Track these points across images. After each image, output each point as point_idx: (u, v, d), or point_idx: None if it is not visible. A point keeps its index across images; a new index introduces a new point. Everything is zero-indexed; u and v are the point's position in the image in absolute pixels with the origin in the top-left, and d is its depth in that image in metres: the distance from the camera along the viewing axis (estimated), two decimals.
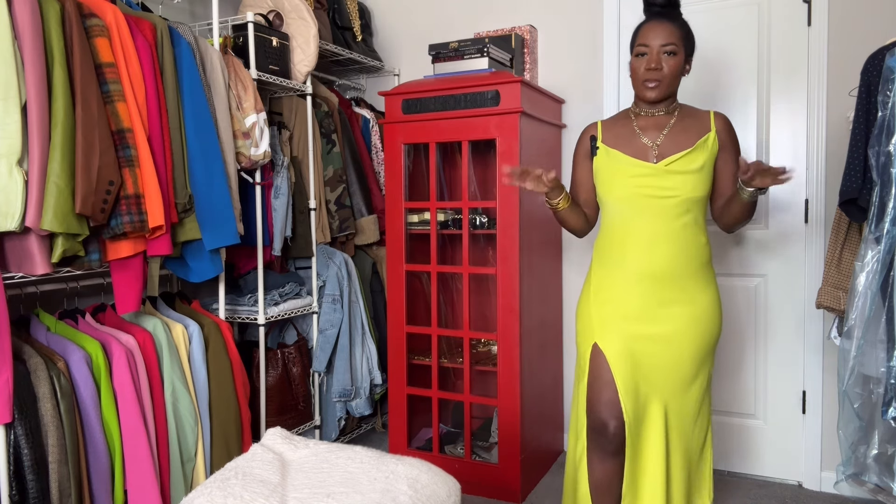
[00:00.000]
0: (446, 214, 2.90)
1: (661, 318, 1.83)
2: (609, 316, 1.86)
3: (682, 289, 1.83)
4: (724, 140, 1.87)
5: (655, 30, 1.81)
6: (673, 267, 1.81)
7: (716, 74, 2.81)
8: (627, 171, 1.84)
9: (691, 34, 1.87)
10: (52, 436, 1.79)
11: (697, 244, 1.84)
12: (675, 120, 1.88)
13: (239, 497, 1.43)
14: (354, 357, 2.99)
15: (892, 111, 1.84)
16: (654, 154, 1.85)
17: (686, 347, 1.83)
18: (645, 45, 1.82)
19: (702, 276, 1.86)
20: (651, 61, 1.80)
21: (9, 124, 1.70)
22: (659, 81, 1.82)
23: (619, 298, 1.86)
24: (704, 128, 1.87)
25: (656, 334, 1.83)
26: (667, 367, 1.83)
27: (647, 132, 1.88)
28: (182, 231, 2.15)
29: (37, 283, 2.23)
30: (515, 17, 3.20)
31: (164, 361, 2.15)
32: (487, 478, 2.66)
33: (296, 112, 2.91)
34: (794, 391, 2.75)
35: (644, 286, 1.83)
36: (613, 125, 1.95)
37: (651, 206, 1.82)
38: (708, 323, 1.86)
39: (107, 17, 1.95)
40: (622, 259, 1.86)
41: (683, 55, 1.84)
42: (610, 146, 1.90)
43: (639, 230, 1.83)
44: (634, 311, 1.84)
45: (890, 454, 1.92)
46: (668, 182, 1.80)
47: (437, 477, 1.60)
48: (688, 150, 1.81)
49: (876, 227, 1.87)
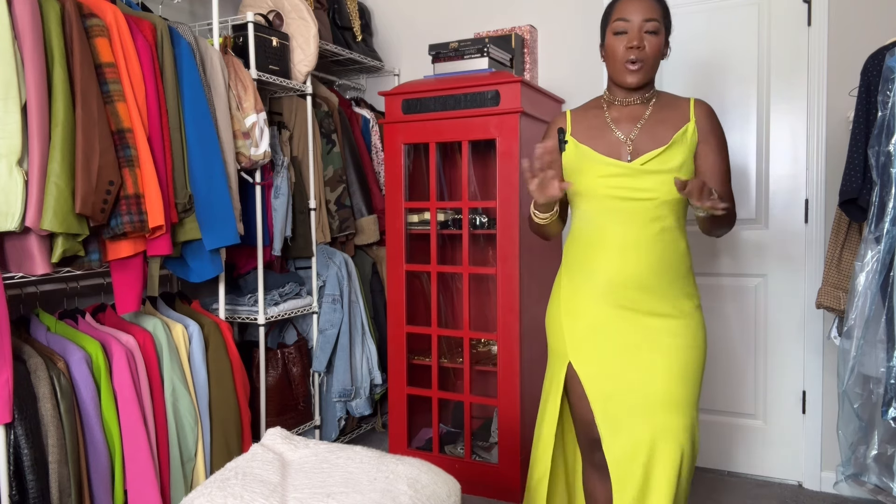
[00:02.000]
0: (446, 214, 2.90)
1: (638, 332, 1.62)
2: (581, 331, 1.67)
3: (661, 300, 1.62)
4: (705, 130, 1.64)
5: (636, 4, 1.59)
6: (649, 276, 1.61)
7: (716, 74, 2.81)
8: (598, 170, 1.63)
9: (669, 11, 1.67)
10: (52, 436, 1.79)
11: (676, 251, 1.64)
12: (650, 110, 1.66)
13: (239, 497, 1.43)
14: (354, 357, 2.99)
15: (892, 111, 1.84)
16: (627, 151, 1.64)
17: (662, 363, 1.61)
18: (624, 21, 1.59)
19: (681, 286, 1.65)
20: (633, 39, 1.58)
21: (9, 124, 1.70)
22: (642, 62, 1.60)
23: (591, 311, 1.65)
24: (683, 118, 1.64)
25: (632, 348, 1.62)
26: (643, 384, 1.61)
27: (621, 124, 1.67)
28: (182, 231, 2.15)
29: (37, 283, 2.23)
30: (515, 17, 3.20)
31: (164, 361, 2.15)
32: (487, 478, 2.66)
33: (296, 112, 2.91)
34: (794, 391, 2.75)
35: (617, 297, 1.62)
36: (584, 116, 1.73)
37: (625, 209, 1.61)
38: (692, 336, 1.64)
39: (107, 17, 1.95)
40: (593, 267, 1.65)
41: (664, 35, 1.63)
42: (580, 141, 1.68)
43: (611, 235, 1.63)
44: (607, 325, 1.63)
45: (890, 454, 1.92)
46: (643, 183, 1.60)
47: (437, 477, 1.60)
48: (665, 147, 1.60)
49: (876, 227, 1.87)
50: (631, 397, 1.62)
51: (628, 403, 1.62)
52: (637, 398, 1.61)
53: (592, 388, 1.65)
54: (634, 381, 1.62)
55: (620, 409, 1.62)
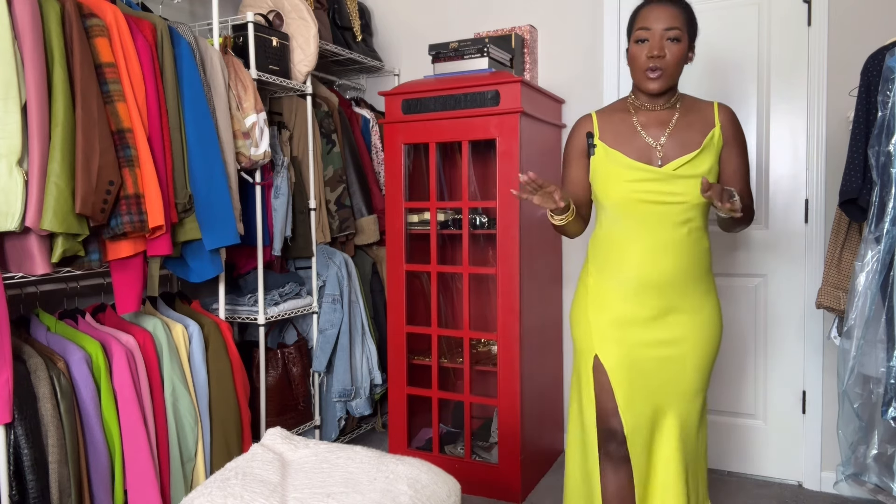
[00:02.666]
0: (446, 214, 2.90)
1: (663, 327, 1.73)
2: (608, 325, 1.76)
3: (684, 296, 1.73)
4: (729, 135, 1.74)
5: (657, 12, 1.65)
6: (676, 275, 1.70)
7: (716, 74, 2.81)
8: (629, 174, 1.70)
9: (694, 17, 1.71)
10: (52, 436, 1.79)
11: (701, 250, 1.74)
12: (678, 115, 1.74)
13: (239, 497, 1.43)
14: (354, 357, 2.99)
15: (892, 111, 1.83)
16: (658, 156, 1.71)
17: (690, 356, 1.75)
18: (646, 30, 1.66)
19: (703, 282, 1.76)
20: (653, 48, 1.65)
21: (9, 124, 1.70)
22: (662, 70, 1.66)
23: (619, 307, 1.75)
24: (709, 123, 1.73)
25: (658, 343, 1.73)
26: (671, 376, 1.75)
27: (649, 129, 1.73)
28: (182, 231, 2.15)
29: (37, 283, 2.23)
30: (515, 17, 3.20)
31: (164, 361, 2.15)
32: (487, 478, 2.66)
33: (296, 112, 2.91)
34: (794, 391, 2.75)
35: (645, 295, 1.72)
36: (610, 119, 1.79)
37: (655, 212, 1.69)
38: (711, 331, 1.77)
39: (107, 17, 1.95)
40: (622, 266, 1.74)
41: (687, 41, 1.68)
42: (609, 145, 1.75)
43: (641, 237, 1.71)
44: (635, 321, 1.74)
45: (890, 454, 1.92)
46: (674, 187, 1.67)
47: (437, 477, 1.60)
48: (696, 153, 1.68)
49: (876, 227, 1.87)
50: (653, 385, 1.75)
51: (650, 390, 1.75)
52: (658, 386, 1.75)
53: (616, 375, 1.74)
54: (656, 371, 1.75)
55: (642, 396, 1.75)
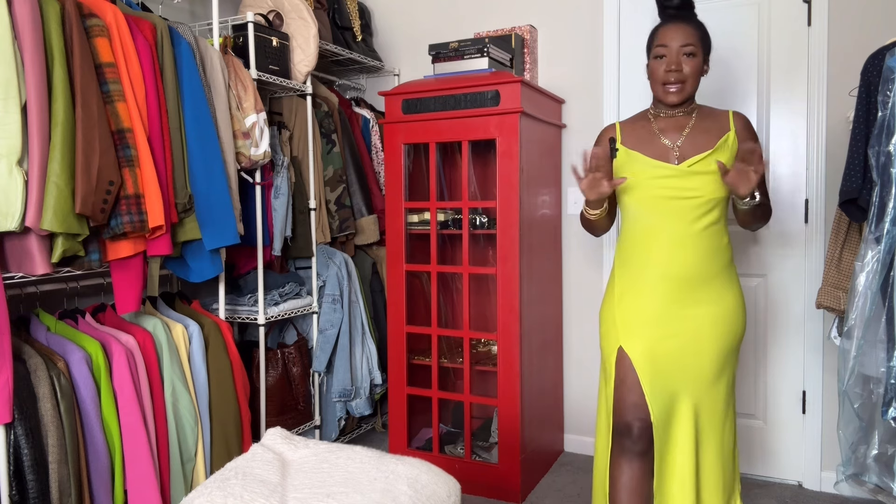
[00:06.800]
0: (446, 214, 2.90)
1: (686, 319, 1.82)
2: (633, 319, 1.85)
3: (706, 289, 1.83)
4: (743, 139, 1.86)
5: (673, 31, 1.81)
6: (697, 268, 1.81)
7: (716, 74, 2.81)
8: (649, 172, 1.83)
9: (707, 34, 1.87)
10: (52, 436, 1.79)
11: (720, 245, 1.84)
12: (694, 121, 1.87)
13: (239, 497, 1.43)
14: (354, 357, 2.99)
15: (892, 111, 1.83)
16: (675, 155, 1.84)
17: (709, 347, 1.83)
18: (664, 47, 1.82)
19: (725, 275, 1.86)
20: (671, 63, 1.80)
21: (9, 124, 1.70)
22: (681, 84, 1.81)
23: (644, 301, 1.85)
24: (724, 128, 1.86)
25: (680, 335, 1.82)
26: (692, 366, 1.83)
27: (667, 133, 1.88)
28: (182, 231, 2.15)
29: (37, 283, 2.23)
30: (515, 17, 3.20)
31: (164, 361, 2.15)
32: (487, 478, 2.66)
33: (296, 112, 2.91)
34: (794, 391, 2.75)
35: (668, 288, 1.82)
36: (632, 126, 1.94)
37: (673, 208, 1.81)
38: (731, 322, 1.85)
39: (107, 16, 1.95)
40: (646, 262, 1.85)
41: (702, 55, 1.83)
42: (630, 147, 1.89)
43: (662, 232, 1.83)
44: (659, 314, 1.83)
45: (890, 454, 1.92)
46: (690, 183, 1.80)
47: (437, 477, 1.60)
48: (710, 151, 1.80)
49: (876, 227, 1.87)
50: (672, 374, 1.82)
51: (669, 380, 1.82)
52: (676, 374, 1.82)
53: (642, 365, 1.81)
54: (681, 361, 1.82)
55: (661, 385, 1.81)
